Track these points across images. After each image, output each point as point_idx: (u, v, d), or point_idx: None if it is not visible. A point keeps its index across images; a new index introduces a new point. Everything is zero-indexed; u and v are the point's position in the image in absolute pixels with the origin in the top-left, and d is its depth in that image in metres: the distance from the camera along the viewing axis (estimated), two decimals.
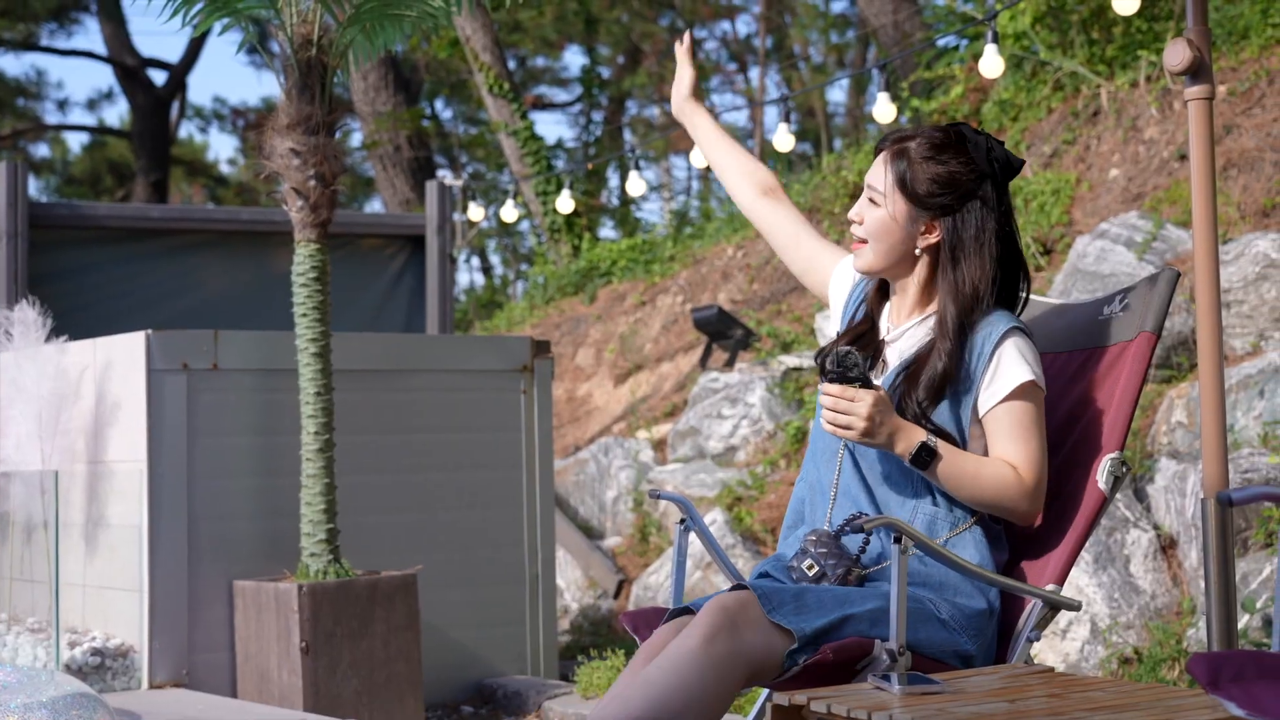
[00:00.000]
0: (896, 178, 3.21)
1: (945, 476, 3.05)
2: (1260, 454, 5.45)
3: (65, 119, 29.24)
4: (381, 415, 5.90)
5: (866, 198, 3.25)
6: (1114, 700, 2.53)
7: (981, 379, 3.13)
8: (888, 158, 3.24)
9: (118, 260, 9.69)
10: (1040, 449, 3.12)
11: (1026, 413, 3.11)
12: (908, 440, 3.04)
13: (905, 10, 12.88)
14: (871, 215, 3.23)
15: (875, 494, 3.17)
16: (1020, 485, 3.08)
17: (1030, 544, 3.25)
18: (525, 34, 23.75)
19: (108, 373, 5.60)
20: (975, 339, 3.15)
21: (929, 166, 3.20)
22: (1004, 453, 3.10)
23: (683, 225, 15.48)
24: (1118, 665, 5.20)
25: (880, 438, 3.02)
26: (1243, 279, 6.27)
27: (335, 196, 5.44)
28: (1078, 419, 3.29)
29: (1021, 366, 3.12)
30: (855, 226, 3.27)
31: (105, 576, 5.64)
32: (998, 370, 3.12)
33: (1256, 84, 7.86)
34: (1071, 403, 3.33)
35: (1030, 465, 3.09)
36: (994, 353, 3.12)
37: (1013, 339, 3.14)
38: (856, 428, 3.01)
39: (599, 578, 7.97)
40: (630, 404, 10.57)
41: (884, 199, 3.22)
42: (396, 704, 5.32)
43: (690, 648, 2.82)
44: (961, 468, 3.06)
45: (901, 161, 3.21)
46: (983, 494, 3.07)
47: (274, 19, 5.43)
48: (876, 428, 3.01)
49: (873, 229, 3.23)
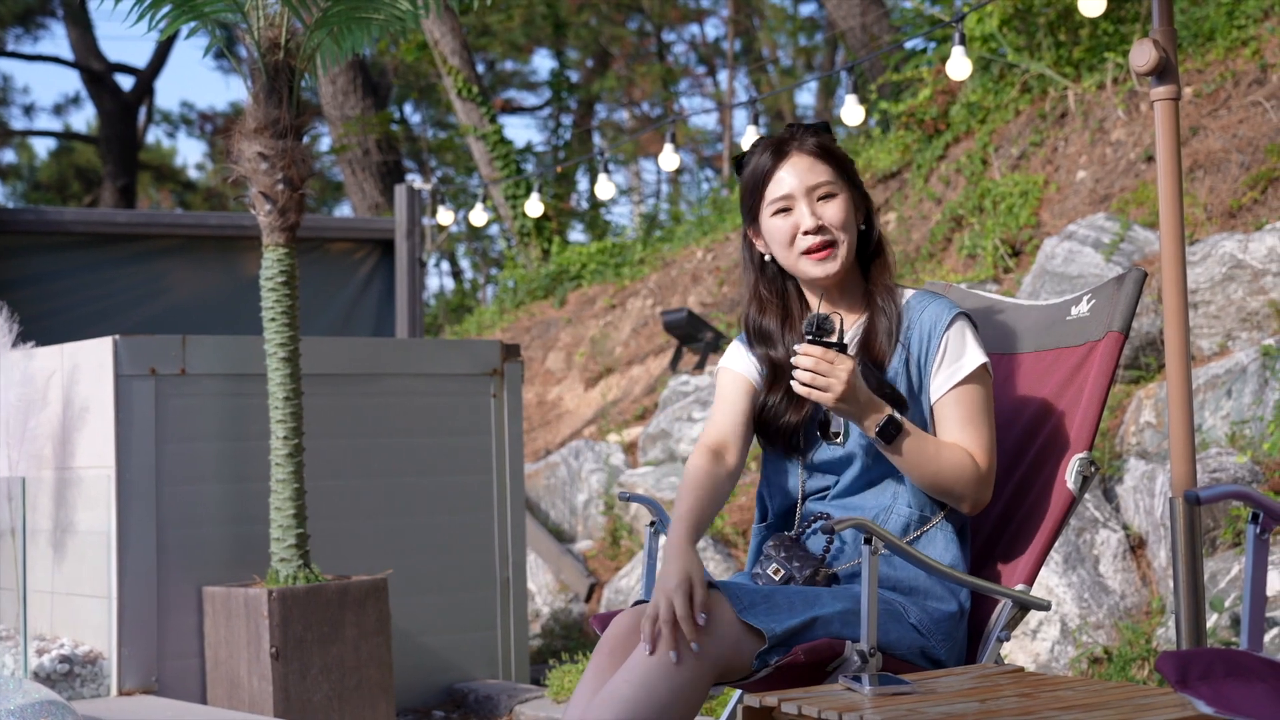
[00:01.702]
0: (835, 166, 3.17)
1: (908, 452, 3.00)
2: (1228, 453, 5.47)
3: (32, 124, 29.14)
4: (351, 419, 5.89)
5: (816, 196, 3.14)
6: (1084, 699, 2.54)
7: (933, 362, 3.10)
8: (812, 151, 3.16)
9: (85, 266, 9.67)
10: (992, 435, 3.10)
11: (979, 397, 3.09)
12: (877, 413, 2.98)
13: (873, 13, 12.91)
14: (833, 209, 3.15)
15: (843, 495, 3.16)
16: (975, 471, 3.05)
17: (1000, 544, 3.26)
18: (494, 38, 23.73)
19: (75, 378, 5.57)
20: (921, 319, 3.13)
21: (842, 150, 3.21)
22: (956, 438, 3.07)
23: (652, 228, 15.48)
24: (1088, 665, 5.22)
25: (852, 405, 2.95)
26: (1209, 280, 6.30)
27: (304, 200, 5.42)
28: (1046, 419, 3.30)
29: (975, 351, 3.10)
30: (813, 236, 3.13)
31: (73, 583, 5.61)
32: (948, 354, 3.10)
33: (1222, 85, 7.90)
34: (1040, 402, 3.34)
35: (984, 451, 3.07)
36: (944, 335, 3.10)
37: (961, 322, 3.12)
38: (835, 390, 2.91)
39: (570, 581, 7.97)
40: (601, 407, 10.57)
41: (839, 187, 3.16)
42: (368, 709, 5.30)
43: (658, 655, 2.79)
44: (922, 446, 3.01)
45: (828, 149, 3.17)
46: (940, 476, 3.02)
47: (241, 23, 5.41)
48: (852, 393, 2.93)
49: (841, 220, 3.14)
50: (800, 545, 3.12)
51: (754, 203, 3.21)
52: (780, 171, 3.15)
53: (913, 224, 9.50)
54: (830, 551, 3.11)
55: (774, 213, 3.16)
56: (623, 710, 2.74)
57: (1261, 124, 7.42)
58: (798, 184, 3.14)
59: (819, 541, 3.13)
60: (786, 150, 3.16)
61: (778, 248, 3.18)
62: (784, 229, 3.15)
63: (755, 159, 3.20)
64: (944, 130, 10.01)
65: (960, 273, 8.37)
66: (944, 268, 8.58)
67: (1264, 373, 5.71)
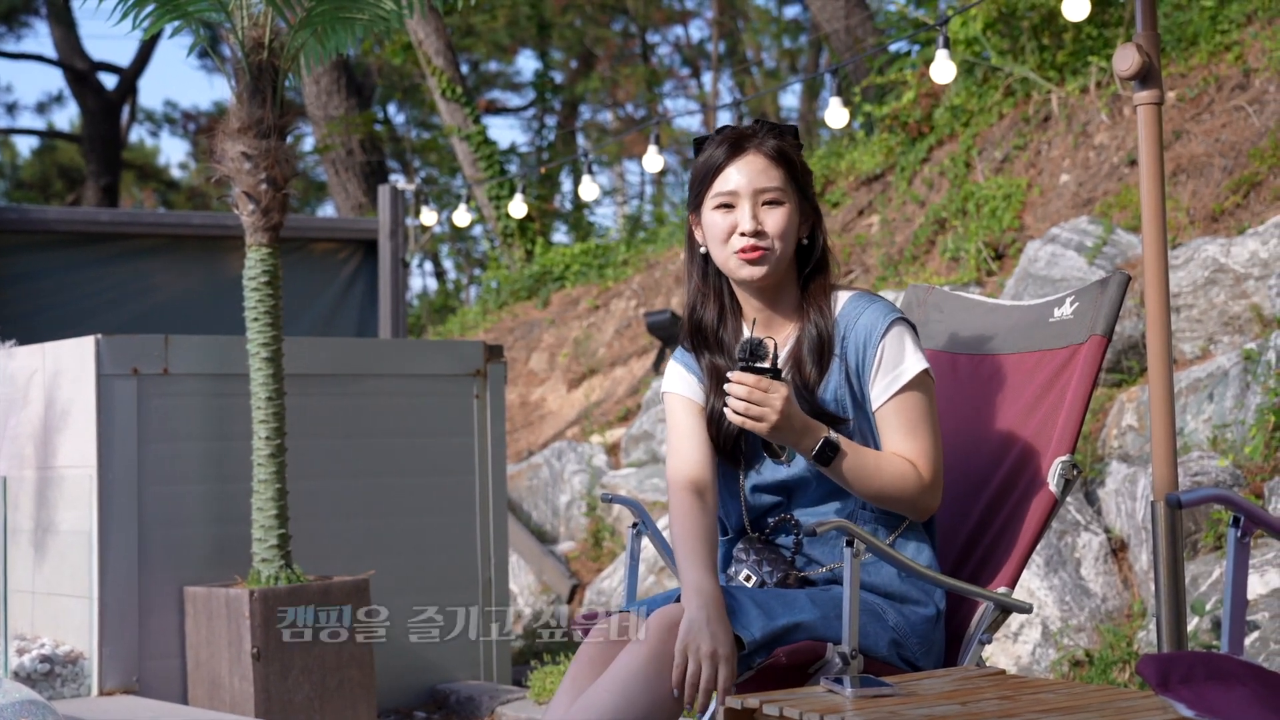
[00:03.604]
0: (789, 174, 3.10)
1: (847, 471, 2.95)
2: (1210, 457, 5.48)
3: (14, 123, 29.06)
4: (333, 420, 5.88)
5: (760, 201, 3.06)
6: (1065, 702, 2.54)
7: (870, 370, 3.05)
8: (769, 154, 3.09)
9: (68, 265, 9.64)
10: (935, 442, 3.05)
11: (920, 405, 3.03)
12: (813, 436, 2.93)
13: (858, 15, 12.92)
14: (776, 217, 3.07)
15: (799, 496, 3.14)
16: (919, 480, 3.00)
17: (981, 546, 3.26)
18: (478, 38, 23.70)
19: (57, 378, 5.56)
20: (856, 328, 3.07)
21: (801, 158, 3.14)
22: (898, 448, 3.02)
23: (636, 230, 15.49)
24: (1069, 668, 5.23)
25: (788, 432, 2.90)
26: (1192, 283, 6.32)
27: (287, 200, 5.42)
28: (1028, 421, 3.30)
29: (914, 356, 3.04)
30: (750, 238, 3.06)
31: (55, 583, 5.59)
32: (886, 361, 3.03)
33: (1205, 90, 7.92)
34: (1022, 405, 3.34)
35: (927, 459, 3.02)
36: (880, 342, 3.04)
37: (898, 327, 3.05)
38: (769, 420, 2.87)
39: (552, 582, 7.96)
40: (583, 408, 10.57)
41: (786, 196, 3.08)
42: (349, 710, 5.29)
43: (636, 664, 2.79)
44: (862, 463, 2.96)
45: (786, 155, 3.10)
46: (883, 489, 2.98)
47: (225, 22, 5.40)
48: (787, 420, 2.88)
49: (781, 230, 3.07)
50: (770, 547, 3.10)
51: (700, 192, 3.14)
52: (731, 168, 3.08)
53: (896, 226, 9.51)
54: (799, 555, 3.09)
55: (716, 206, 3.09)
56: (601, 717, 2.74)
57: (1244, 128, 7.44)
58: (745, 184, 3.07)
59: (787, 543, 3.10)
60: (744, 147, 3.09)
61: (713, 242, 3.12)
62: (722, 225, 3.09)
63: (711, 148, 3.12)
64: (928, 133, 10.03)
65: (943, 275, 8.38)
66: (927, 270, 8.59)
67: (1245, 376, 5.72)
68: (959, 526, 3.30)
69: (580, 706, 2.78)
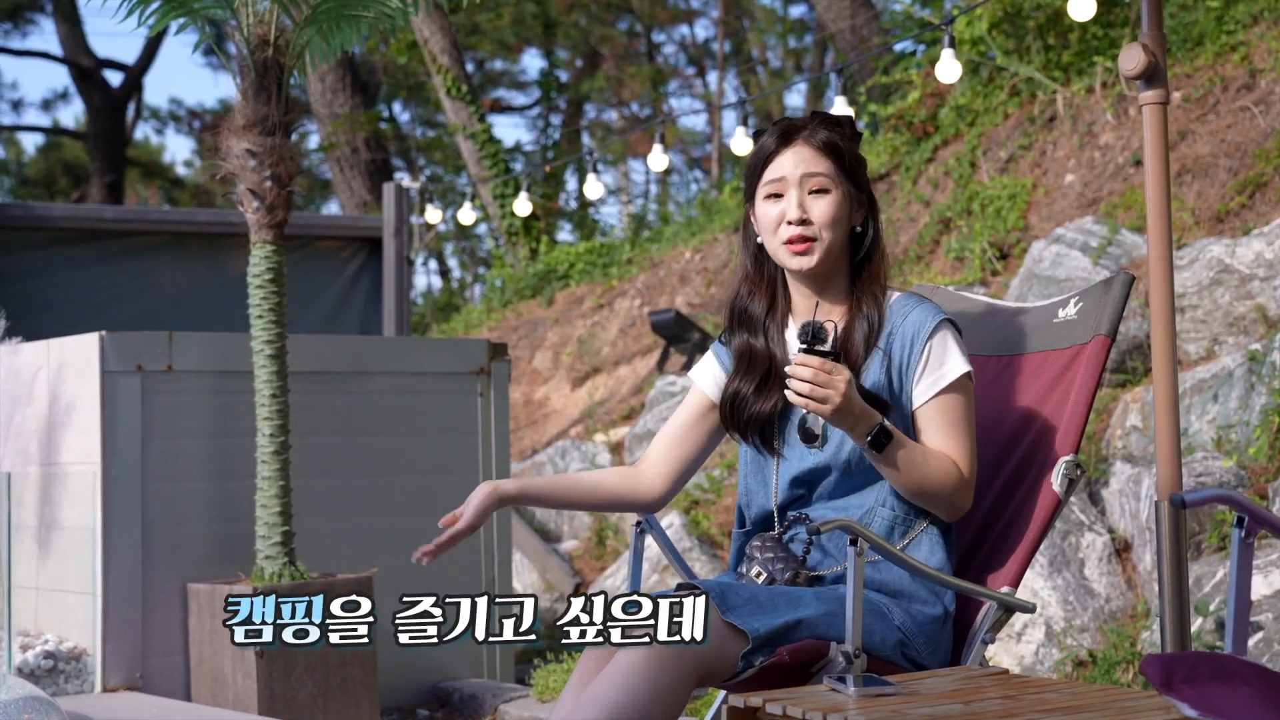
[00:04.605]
0: (837, 162, 3.13)
1: (901, 458, 2.96)
2: (1214, 457, 5.48)
3: (20, 120, 29.10)
4: (337, 417, 5.88)
5: (806, 190, 3.10)
6: (1068, 702, 2.54)
7: (915, 369, 3.07)
8: (817, 143, 3.12)
9: (72, 262, 9.65)
10: (973, 443, 3.08)
11: (961, 406, 3.06)
12: (868, 422, 2.93)
13: (863, 15, 12.91)
14: (823, 205, 3.10)
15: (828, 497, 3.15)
16: (959, 477, 3.02)
17: (985, 546, 3.26)
18: (484, 37, 23.73)
19: (61, 374, 5.56)
20: (904, 326, 3.10)
21: (855, 148, 3.17)
22: (940, 446, 3.04)
23: (640, 228, 15.49)
24: (1072, 668, 5.23)
25: (848, 416, 2.90)
26: (1197, 284, 6.31)
27: (291, 198, 5.42)
28: (1032, 421, 3.30)
29: (958, 358, 3.07)
30: (796, 227, 3.09)
31: (58, 579, 5.60)
32: (931, 361, 3.06)
33: (1211, 90, 7.92)
34: (1026, 405, 3.33)
35: (966, 459, 3.05)
36: (927, 342, 3.07)
37: (945, 329, 3.09)
38: (833, 402, 2.86)
39: (556, 581, 7.97)
40: (587, 407, 10.57)
41: (834, 184, 3.12)
42: (352, 707, 5.29)
43: (639, 657, 2.78)
44: (911, 455, 2.98)
45: (834, 146, 3.13)
46: (927, 483, 2.99)
47: (230, 19, 5.40)
48: (848, 404, 2.88)
49: (829, 218, 3.10)
50: (783, 545, 3.11)
51: (753, 182, 3.19)
52: (781, 157, 3.13)
53: (901, 226, 9.51)
54: (809, 555, 3.09)
55: (766, 196, 3.14)
56: (604, 712, 2.73)
57: (1249, 129, 7.44)
58: (793, 172, 3.10)
59: (801, 543, 3.12)
60: (793, 137, 3.13)
61: (765, 232, 3.16)
62: (771, 215, 3.13)
63: (764, 138, 3.18)
64: (933, 133, 10.03)
65: (948, 275, 8.38)
66: (931, 270, 8.59)
67: (1250, 377, 5.72)
68: (963, 525, 3.30)
69: (584, 701, 2.78)
